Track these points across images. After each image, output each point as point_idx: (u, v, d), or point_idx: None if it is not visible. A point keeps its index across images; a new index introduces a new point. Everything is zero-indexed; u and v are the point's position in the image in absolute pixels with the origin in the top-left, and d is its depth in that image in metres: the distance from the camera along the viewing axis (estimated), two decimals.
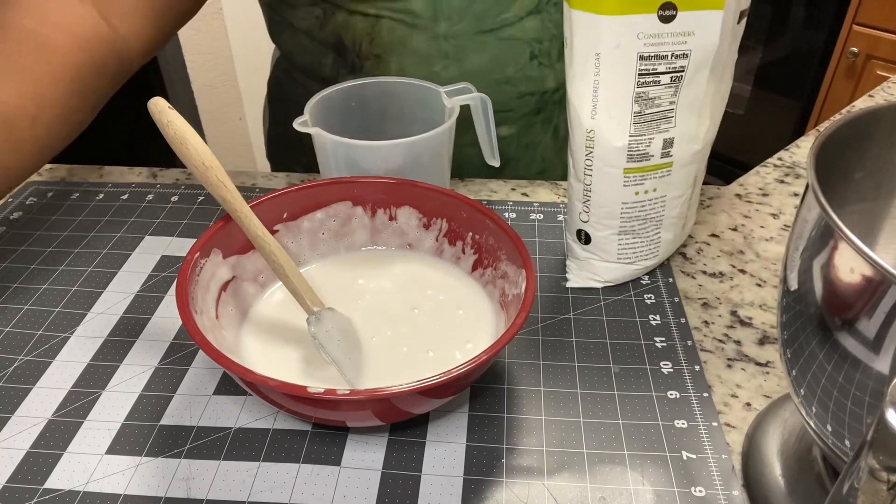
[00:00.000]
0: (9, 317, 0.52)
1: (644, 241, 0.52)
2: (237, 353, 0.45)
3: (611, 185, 0.49)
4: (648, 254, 0.53)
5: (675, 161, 0.49)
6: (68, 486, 0.40)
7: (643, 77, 0.45)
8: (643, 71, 0.45)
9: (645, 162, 0.48)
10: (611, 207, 0.50)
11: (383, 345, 0.47)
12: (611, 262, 0.53)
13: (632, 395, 0.46)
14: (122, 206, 0.64)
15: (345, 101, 0.60)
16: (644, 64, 0.45)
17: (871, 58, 1.51)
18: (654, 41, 0.44)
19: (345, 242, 0.54)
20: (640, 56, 0.45)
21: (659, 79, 0.46)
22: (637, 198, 0.50)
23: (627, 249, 0.52)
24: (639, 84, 0.46)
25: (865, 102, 0.84)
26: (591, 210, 0.51)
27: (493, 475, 0.41)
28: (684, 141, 0.49)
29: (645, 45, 0.44)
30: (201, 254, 0.45)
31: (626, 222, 0.51)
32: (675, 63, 0.45)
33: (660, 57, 0.45)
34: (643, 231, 0.52)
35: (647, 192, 0.50)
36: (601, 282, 0.54)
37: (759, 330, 0.51)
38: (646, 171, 0.49)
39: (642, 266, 0.54)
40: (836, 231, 0.27)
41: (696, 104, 0.48)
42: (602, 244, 0.52)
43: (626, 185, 0.49)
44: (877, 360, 0.27)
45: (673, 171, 0.49)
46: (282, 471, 0.41)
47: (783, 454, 0.41)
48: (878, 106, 0.34)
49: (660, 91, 0.46)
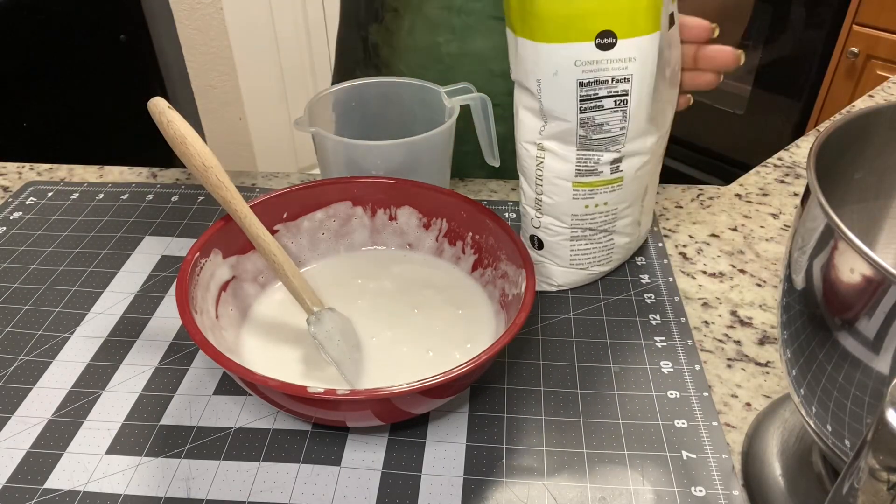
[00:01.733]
0: (9, 317, 0.52)
1: (597, 248, 0.52)
2: (237, 354, 0.45)
3: (561, 196, 0.49)
4: (602, 260, 0.53)
5: (625, 176, 0.49)
6: (68, 486, 0.40)
7: (585, 103, 0.45)
8: (584, 97, 0.45)
9: (594, 177, 0.48)
10: (562, 218, 0.51)
11: (383, 345, 0.47)
12: (564, 266, 0.53)
13: (632, 395, 0.46)
14: (122, 206, 0.64)
15: (345, 101, 0.60)
16: (584, 90, 0.45)
17: (871, 58, 1.51)
18: (593, 68, 0.44)
19: (345, 242, 0.54)
20: (580, 83, 0.45)
21: (602, 103, 0.45)
22: (587, 210, 0.50)
23: (580, 255, 0.52)
24: (582, 110, 0.45)
25: (865, 102, 0.84)
26: (542, 217, 0.51)
27: (493, 475, 0.41)
28: (634, 157, 0.49)
29: (584, 71, 0.44)
30: (201, 254, 0.45)
31: (577, 230, 0.51)
32: (616, 87, 0.45)
33: (600, 82, 0.44)
34: (595, 238, 0.52)
35: (598, 205, 0.50)
36: (555, 286, 0.54)
37: (759, 330, 0.51)
38: (595, 186, 0.49)
39: (596, 271, 0.54)
40: (836, 231, 0.27)
41: (643, 123, 0.47)
42: (554, 249, 0.52)
43: (575, 199, 0.49)
44: (877, 360, 0.27)
45: (624, 185, 0.49)
46: (282, 471, 0.41)
47: (783, 454, 0.41)
48: (878, 106, 0.34)
49: (605, 116, 0.46)
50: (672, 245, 0.60)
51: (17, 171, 0.71)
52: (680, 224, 0.63)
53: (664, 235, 0.61)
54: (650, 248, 0.59)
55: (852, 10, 1.51)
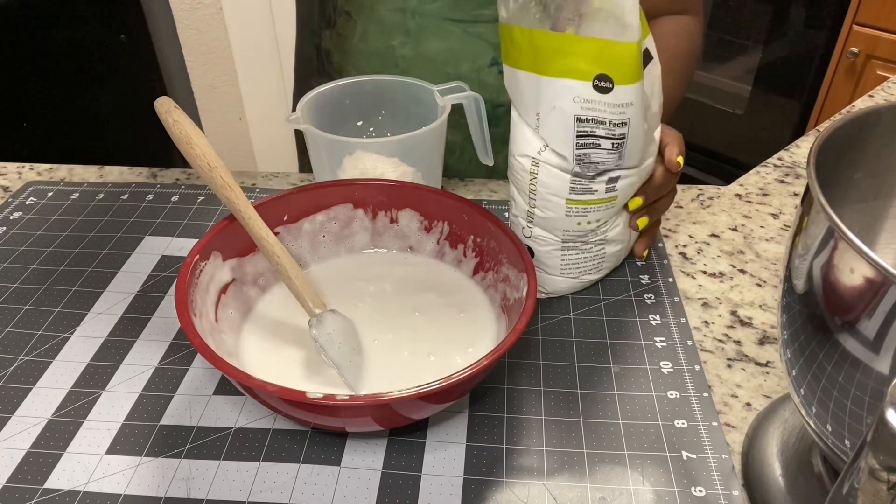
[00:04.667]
0: (9, 317, 0.52)
1: (588, 257, 0.52)
2: (237, 356, 0.45)
3: (554, 212, 0.49)
4: (593, 269, 0.53)
5: (619, 194, 0.49)
6: (68, 486, 0.40)
7: (582, 139, 0.46)
8: (581, 132, 0.45)
9: (589, 195, 0.48)
10: (553, 231, 0.51)
11: (384, 348, 0.47)
12: (555, 275, 0.53)
13: (632, 395, 0.46)
14: (122, 206, 0.64)
15: (337, 99, 0.60)
16: (581, 126, 0.45)
17: (871, 58, 1.51)
18: (591, 107, 0.44)
19: (345, 245, 0.54)
20: (578, 118, 0.45)
21: (599, 143, 0.46)
22: (579, 227, 0.50)
23: (571, 265, 0.52)
24: (578, 146, 0.46)
25: (865, 102, 0.84)
26: (533, 228, 0.51)
27: (493, 475, 0.41)
28: (628, 177, 0.49)
29: (581, 108, 0.45)
30: (201, 256, 0.45)
31: (568, 242, 0.51)
32: (614, 131, 0.45)
33: (598, 122, 0.45)
34: (586, 248, 0.52)
35: (591, 222, 0.50)
36: (545, 293, 0.54)
37: (759, 330, 0.51)
38: (590, 204, 0.49)
39: (587, 280, 0.54)
40: (836, 231, 0.27)
41: (634, 160, 0.48)
42: (545, 258, 0.52)
43: (568, 216, 0.49)
44: (877, 360, 0.27)
45: (617, 202, 0.50)
46: (282, 471, 0.41)
47: (783, 454, 0.41)
48: (878, 106, 0.34)
49: (602, 156, 0.46)
50: (672, 245, 0.60)
51: (17, 171, 0.71)
52: (680, 224, 0.63)
53: (664, 235, 0.61)
54: (650, 249, 0.59)
55: (852, 10, 1.51)
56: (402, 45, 0.64)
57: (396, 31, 0.64)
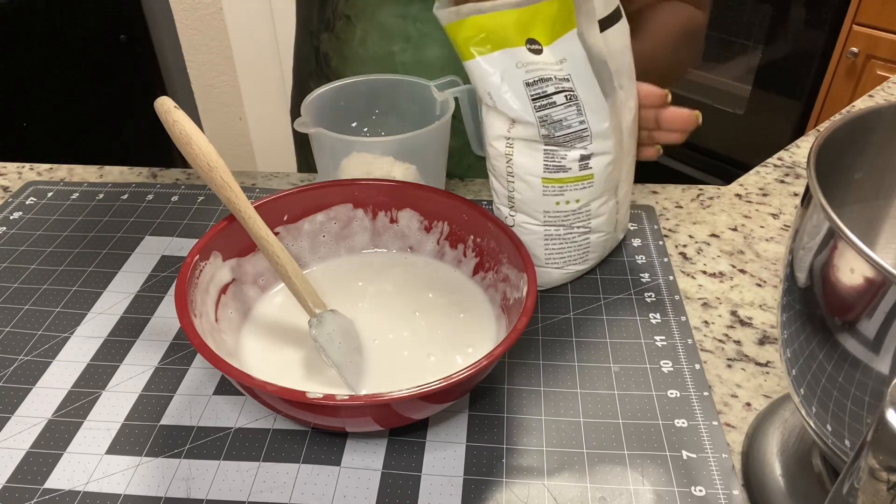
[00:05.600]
0: (9, 317, 0.52)
1: (572, 247, 0.52)
2: (237, 356, 0.45)
3: (532, 192, 0.50)
4: (578, 258, 0.53)
5: (595, 173, 0.50)
6: (68, 486, 0.40)
7: (538, 101, 0.47)
8: (535, 95, 0.47)
9: (563, 174, 0.49)
10: (534, 215, 0.51)
11: (384, 348, 0.47)
12: (539, 265, 0.53)
13: (632, 395, 0.46)
14: (122, 206, 0.64)
15: (334, 101, 0.60)
16: (533, 90, 0.47)
17: (871, 58, 1.51)
18: (533, 68, 0.47)
19: (345, 245, 0.54)
20: (526, 83, 0.47)
21: (553, 100, 0.47)
22: (558, 208, 0.50)
23: (555, 254, 0.52)
24: (537, 108, 0.48)
25: (865, 102, 0.84)
26: (516, 215, 0.52)
27: (493, 475, 0.41)
28: (602, 154, 0.49)
29: (527, 72, 0.47)
30: (200, 256, 0.45)
31: (550, 228, 0.51)
32: (562, 84, 0.47)
33: (545, 80, 0.47)
34: (569, 237, 0.52)
35: (569, 202, 0.50)
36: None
37: (759, 330, 0.51)
38: (564, 182, 0.49)
39: (572, 270, 0.54)
40: (836, 231, 0.27)
41: (603, 120, 0.49)
42: (529, 247, 0.52)
43: (545, 195, 0.50)
44: (877, 360, 0.27)
45: (595, 182, 0.50)
46: (282, 471, 0.41)
47: (783, 454, 0.41)
48: (878, 106, 0.34)
49: (561, 112, 0.48)
50: (672, 245, 0.60)
51: (17, 171, 0.71)
52: (680, 224, 0.63)
53: (664, 235, 0.61)
54: (650, 248, 0.59)
55: (852, 10, 1.51)
56: (402, 51, 0.64)
57: (397, 37, 0.64)
